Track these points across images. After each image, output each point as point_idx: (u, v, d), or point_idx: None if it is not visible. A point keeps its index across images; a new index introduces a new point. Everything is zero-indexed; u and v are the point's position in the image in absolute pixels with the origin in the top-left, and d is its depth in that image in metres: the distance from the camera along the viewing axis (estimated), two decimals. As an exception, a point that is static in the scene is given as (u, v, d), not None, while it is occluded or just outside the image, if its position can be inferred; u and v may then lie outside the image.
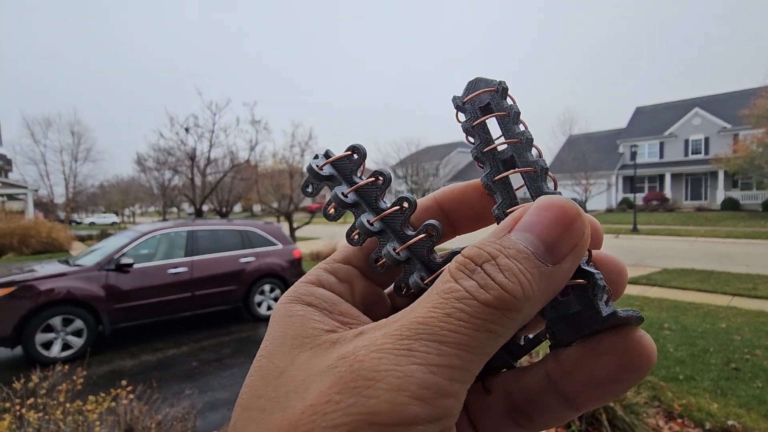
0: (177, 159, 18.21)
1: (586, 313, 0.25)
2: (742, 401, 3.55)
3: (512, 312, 0.22)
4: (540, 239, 0.23)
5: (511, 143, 0.30)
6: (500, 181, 0.30)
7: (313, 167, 0.31)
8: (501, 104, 0.31)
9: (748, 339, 5.07)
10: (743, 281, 8.61)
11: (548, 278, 0.23)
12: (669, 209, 29.40)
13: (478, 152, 0.31)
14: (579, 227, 0.24)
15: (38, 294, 5.05)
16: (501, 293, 0.22)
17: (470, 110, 0.32)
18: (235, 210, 40.57)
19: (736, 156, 23.93)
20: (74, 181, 33.76)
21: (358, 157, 0.32)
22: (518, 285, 0.22)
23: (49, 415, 2.44)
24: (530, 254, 0.23)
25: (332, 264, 0.31)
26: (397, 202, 0.31)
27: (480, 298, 0.22)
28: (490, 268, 0.23)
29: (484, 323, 0.21)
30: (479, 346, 0.21)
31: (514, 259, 0.23)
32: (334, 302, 0.28)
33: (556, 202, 0.24)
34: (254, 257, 6.78)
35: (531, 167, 0.29)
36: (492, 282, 0.22)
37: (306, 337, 0.25)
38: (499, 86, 0.31)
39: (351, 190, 0.31)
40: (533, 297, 0.22)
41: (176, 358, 5.16)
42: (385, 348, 0.22)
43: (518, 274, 0.22)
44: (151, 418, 2.61)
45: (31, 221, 18.39)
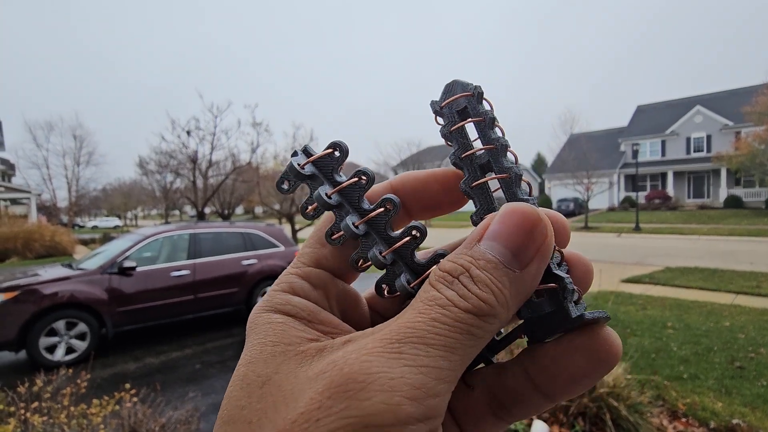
0: (179, 162, 18.26)
1: (558, 314, 0.26)
2: (747, 400, 3.53)
3: (489, 317, 0.24)
4: (506, 247, 0.25)
5: (486, 149, 0.30)
6: (478, 187, 0.30)
7: (294, 166, 0.30)
8: (477, 109, 0.31)
9: (752, 337, 5.04)
10: (747, 279, 8.57)
11: (517, 283, 0.25)
12: (671, 207, 29.30)
13: (455, 158, 0.31)
14: (540, 231, 0.25)
15: (42, 298, 5.07)
16: (477, 302, 0.24)
17: (448, 114, 0.32)
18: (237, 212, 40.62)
19: (738, 154, 23.84)
20: (77, 185, 33.90)
21: (340, 154, 0.31)
22: (491, 294, 0.24)
23: (54, 419, 2.45)
24: (498, 263, 0.25)
25: (303, 268, 0.31)
26: (381, 204, 0.30)
27: (460, 305, 0.24)
28: (465, 280, 0.24)
29: (465, 327, 0.23)
30: (461, 348, 0.23)
31: (484, 270, 0.25)
32: (313, 311, 0.28)
33: (518, 208, 0.26)
34: (256, 259, 6.79)
35: (505, 173, 0.29)
36: (468, 292, 0.24)
37: (288, 344, 0.25)
38: (474, 90, 0.31)
39: (335, 191, 0.30)
40: (507, 302, 0.24)
41: (179, 360, 5.16)
42: (376, 351, 0.22)
43: (490, 284, 0.24)
44: (154, 421, 2.62)
45: (34, 225, 18.46)
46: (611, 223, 24.05)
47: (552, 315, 0.27)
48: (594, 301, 6.80)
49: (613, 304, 6.62)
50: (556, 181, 34.41)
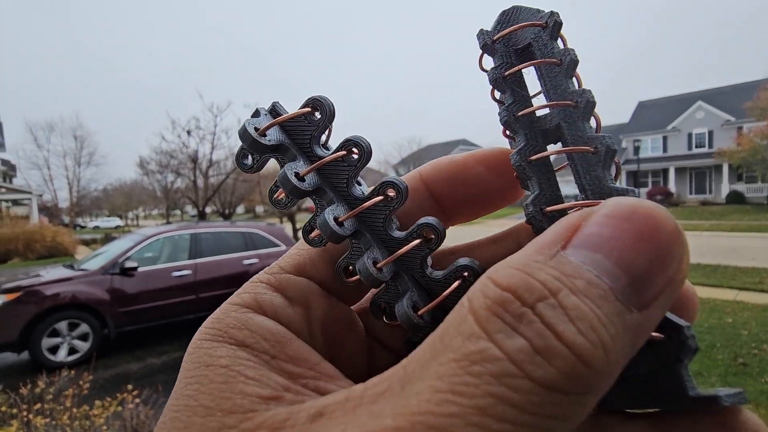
0: (179, 161, 18.29)
1: (662, 380, 0.17)
2: (751, 397, 3.52)
3: (586, 395, 0.13)
4: (619, 266, 0.14)
5: (560, 106, 0.21)
6: (539, 163, 0.22)
7: (250, 132, 0.20)
8: (549, 47, 0.21)
9: (755, 333, 5.03)
10: (750, 275, 8.55)
11: (633, 332, 0.14)
12: (673, 203, 29.26)
13: (509, 115, 0.22)
14: (679, 252, 0.15)
15: (44, 299, 5.08)
16: (574, 361, 0.13)
17: (502, 52, 0.22)
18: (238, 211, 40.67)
19: (740, 149, 23.77)
20: (78, 186, 34.01)
21: (321, 116, 0.21)
22: (600, 347, 0.13)
23: (56, 421, 2.45)
24: (607, 290, 0.14)
25: (279, 276, 0.22)
26: (379, 190, 0.21)
27: (535, 375, 0.13)
28: (549, 313, 0.13)
29: (539, 420, 0.12)
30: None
31: (585, 297, 0.14)
32: (281, 341, 0.19)
33: (641, 208, 0.16)
34: (257, 259, 6.79)
35: (589, 146, 0.20)
36: (557, 342, 0.13)
37: (229, 412, 0.16)
38: (549, 20, 0.21)
39: (310, 170, 0.21)
40: (615, 364, 0.14)
41: (181, 361, 5.16)
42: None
43: (598, 326, 0.13)
44: (157, 422, 2.62)
45: (35, 226, 18.51)
46: (613, 220, 23.96)
47: (649, 379, 0.17)
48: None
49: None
50: (558, 177, 34.32)
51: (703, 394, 0.17)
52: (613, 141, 0.21)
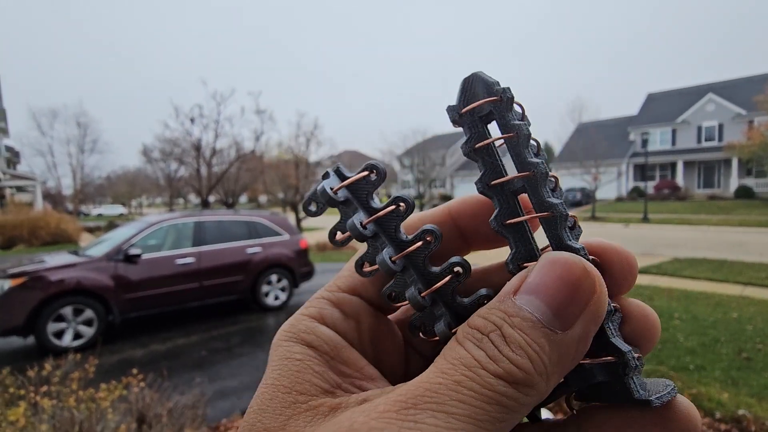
0: (183, 150, 18.29)
1: (616, 386, 0.23)
2: (754, 391, 3.51)
3: (524, 387, 0.20)
4: (545, 303, 0.21)
5: (522, 177, 0.25)
6: (513, 225, 0.25)
7: (327, 191, 0.27)
8: (506, 118, 0.25)
9: (760, 329, 5.00)
10: (756, 270, 8.48)
11: (559, 347, 0.21)
12: (681, 198, 28.98)
13: (482, 185, 0.26)
14: (588, 285, 0.22)
15: (49, 284, 5.12)
16: (510, 367, 0.20)
17: (469, 123, 0.26)
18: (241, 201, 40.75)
19: (750, 143, 23.45)
20: (81, 173, 34.14)
21: (376, 177, 0.27)
22: (527, 358, 0.20)
23: (63, 403, 2.48)
24: (536, 322, 0.21)
25: (337, 294, 0.28)
26: (420, 236, 0.27)
27: (489, 369, 0.20)
28: (496, 339, 0.21)
29: (495, 396, 0.20)
30: (489, 421, 0.19)
31: (518, 329, 0.21)
32: (337, 347, 0.26)
33: (560, 258, 0.22)
34: (261, 248, 6.81)
35: (548, 211, 0.24)
36: (499, 354, 0.21)
37: (300, 393, 0.23)
38: (503, 95, 0.25)
39: (370, 220, 0.27)
40: (545, 370, 0.21)
41: (185, 347, 5.22)
42: (386, 416, 0.19)
43: (525, 346, 0.21)
44: (162, 405, 2.65)
45: (40, 213, 18.65)
46: (619, 214, 23.86)
47: (607, 385, 0.23)
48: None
49: (619, 294, 6.57)
50: (563, 170, 34.08)
51: (641, 396, 0.22)
52: (565, 207, 0.24)
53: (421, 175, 33.74)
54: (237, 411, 3.50)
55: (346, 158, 49.08)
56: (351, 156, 51.54)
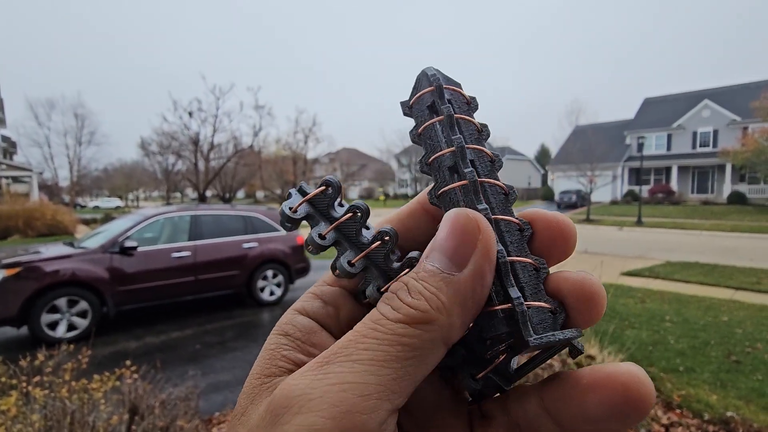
0: (180, 143, 18.19)
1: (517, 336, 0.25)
2: (742, 393, 3.56)
3: (423, 324, 0.23)
4: (443, 253, 0.25)
5: (448, 152, 0.28)
6: (445, 195, 0.28)
7: (286, 212, 0.30)
8: (437, 104, 0.28)
9: (749, 332, 5.06)
10: (747, 275, 8.58)
11: (455, 285, 0.24)
12: (674, 202, 29.19)
13: (422, 164, 0.29)
14: (471, 228, 0.25)
15: (43, 275, 5.10)
16: (408, 310, 0.23)
17: (418, 113, 0.30)
18: (238, 196, 40.62)
19: (744, 149, 23.63)
20: (78, 165, 33.90)
21: (332, 191, 0.30)
22: (423, 300, 0.23)
23: (55, 393, 2.48)
24: (435, 270, 0.24)
25: (321, 287, 0.31)
26: (378, 237, 0.30)
27: (390, 316, 0.23)
28: (401, 293, 0.24)
29: (395, 337, 0.22)
30: (394, 360, 0.22)
31: (422, 280, 0.24)
32: (309, 332, 0.29)
33: (451, 213, 0.25)
34: (257, 243, 6.80)
35: (464, 179, 0.27)
36: (401, 303, 0.24)
37: (267, 376, 0.26)
38: (435, 83, 0.28)
39: (328, 230, 0.30)
40: (443, 306, 0.23)
41: (180, 340, 5.22)
42: (305, 373, 0.23)
43: (423, 290, 0.24)
44: (155, 397, 2.65)
45: (35, 204, 18.50)
46: (613, 216, 23.99)
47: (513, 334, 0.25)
48: (593, 292, 6.80)
49: (612, 296, 6.63)
50: (559, 172, 34.23)
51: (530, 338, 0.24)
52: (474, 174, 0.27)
53: (419, 175, 33.72)
54: (230, 404, 3.51)
55: (344, 155, 48.98)
56: (349, 154, 51.41)
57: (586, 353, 3.20)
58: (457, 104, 0.29)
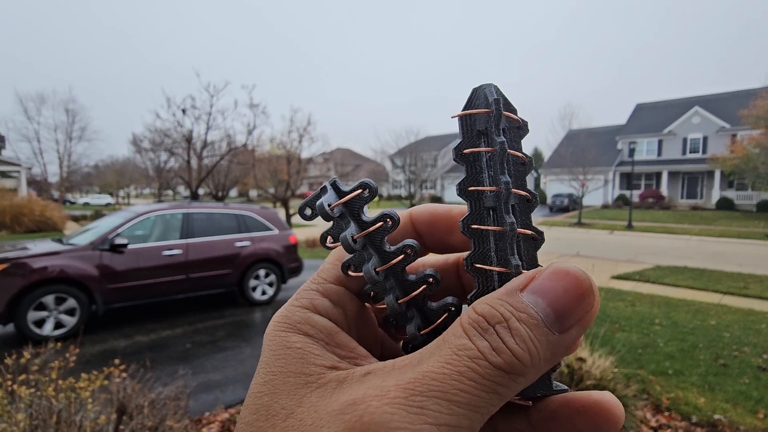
0: (173, 141, 18.01)
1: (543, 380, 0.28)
2: (729, 396, 3.61)
3: (519, 377, 0.23)
4: (551, 307, 0.24)
5: (490, 190, 0.27)
6: (476, 230, 0.28)
7: (325, 208, 0.29)
8: (491, 133, 0.27)
9: (737, 336, 5.14)
10: (735, 280, 8.71)
11: (553, 346, 0.24)
12: (664, 207, 29.56)
13: (460, 189, 0.28)
14: (590, 301, 0.24)
15: (31, 272, 5.01)
16: (511, 358, 0.23)
17: (467, 129, 0.28)
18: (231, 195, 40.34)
19: (733, 156, 24.01)
20: (68, 160, 33.43)
21: (369, 194, 0.30)
22: (527, 352, 0.23)
23: (41, 392, 2.43)
24: (540, 321, 0.23)
25: (325, 285, 0.31)
26: (402, 250, 0.29)
27: (492, 361, 0.22)
28: (502, 331, 0.23)
29: (492, 385, 0.22)
30: (485, 407, 0.22)
31: (524, 324, 0.23)
32: (331, 332, 0.28)
33: (572, 271, 0.25)
34: (250, 242, 6.76)
35: (501, 227, 0.27)
36: (504, 346, 0.23)
37: (309, 375, 0.25)
38: (494, 107, 0.27)
39: (361, 235, 0.29)
40: (539, 364, 0.23)
41: (170, 339, 5.16)
42: (397, 402, 0.22)
43: (527, 341, 0.23)
44: (143, 396, 2.61)
45: (24, 199, 18.21)
46: (605, 220, 24.23)
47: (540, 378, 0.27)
48: (584, 295, 6.87)
49: (603, 299, 6.69)
50: (552, 176, 34.51)
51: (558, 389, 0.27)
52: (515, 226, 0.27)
53: (413, 176, 33.77)
54: (220, 404, 3.47)
55: (338, 156, 48.91)
56: (343, 154, 51.36)
57: (577, 356, 3.23)
58: (510, 134, 0.28)
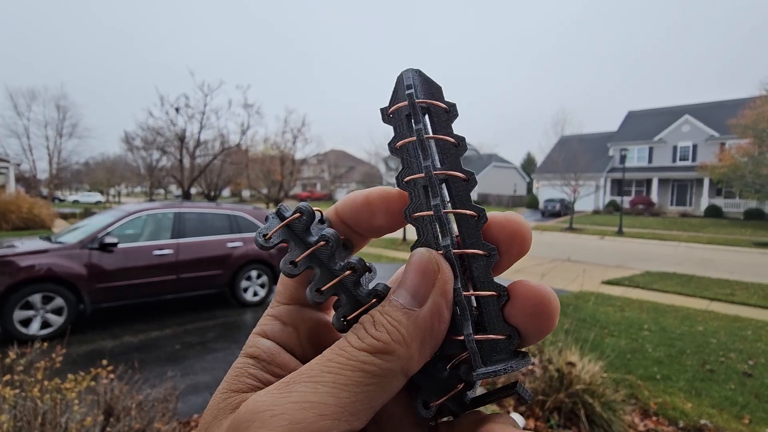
0: (166, 139, 17.85)
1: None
2: (715, 402, 3.65)
3: (384, 354, 0.25)
4: (406, 290, 0.27)
5: (419, 177, 0.28)
6: (418, 218, 0.29)
7: (259, 241, 0.30)
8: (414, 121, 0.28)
9: (723, 342, 5.21)
10: (722, 287, 8.84)
11: (416, 320, 0.26)
12: (654, 214, 29.95)
13: (398, 181, 0.29)
14: (431, 268, 0.27)
15: (18, 270, 4.93)
16: (371, 340, 0.25)
17: (397, 122, 0.29)
18: (224, 195, 40.05)
19: (721, 164, 24.41)
20: (58, 157, 32.95)
21: (306, 217, 0.31)
22: (385, 332, 0.26)
23: (26, 392, 2.39)
24: (399, 305, 0.27)
25: (277, 308, 0.33)
26: (347, 266, 0.30)
27: (354, 344, 0.25)
28: (367, 325, 0.27)
29: (357, 364, 0.24)
30: (354, 384, 0.24)
31: (386, 314, 0.27)
32: (273, 353, 0.30)
33: (414, 253, 0.28)
34: (242, 242, 6.72)
35: (430, 210, 0.28)
36: (366, 334, 0.26)
37: (234, 392, 0.28)
38: (409, 99, 0.28)
39: (301, 258, 0.30)
40: (403, 339, 0.26)
41: (159, 340, 5.10)
42: (270, 391, 0.24)
43: (386, 323, 0.26)
44: (131, 398, 2.58)
45: (11, 196, 17.88)
46: (595, 226, 24.47)
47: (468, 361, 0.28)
48: (575, 300, 6.93)
49: (593, 304, 6.75)
50: (544, 181, 34.80)
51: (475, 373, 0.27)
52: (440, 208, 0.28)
53: (407, 179, 33.69)
54: (209, 406, 3.44)
55: (332, 157, 48.82)
56: (337, 155, 51.27)
57: (566, 360, 3.25)
58: (435, 115, 0.29)
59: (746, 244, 17.79)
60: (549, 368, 3.23)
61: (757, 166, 21.18)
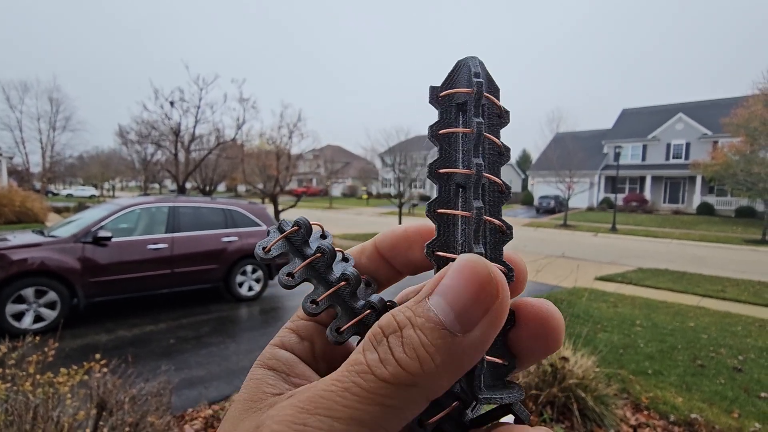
0: (160, 133, 17.69)
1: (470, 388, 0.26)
2: (706, 396, 3.71)
3: (408, 387, 0.21)
4: (451, 306, 0.22)
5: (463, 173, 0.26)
6: (443, 215, 0.27)
7: (258, 252, 0.31)
8: (470, 113, 0.26)
9: (714, 338, 5.28)
10: (713, 283, 8.95)
11: (454, 349, 0.21)
12: (647, 211, 30.19)
13: (430, 171, 0.27)
14: (490, 290, 0.22)
15: (10, 264, 4.88)
16: (397, 369, 0.21)
17: (444, 107, 0.27)
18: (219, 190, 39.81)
19: (714, 163, 24.61)
20: (51, 151, 32.57)
21: (303, 231, 0.31)
22: (416, 360, 0.21)
23: (18, 386, 2.37)
24: (438, 323, 0.22)
25: (296, 322, 0.32)
26: (341, 278, 0.30)
27: (376, 373, 0.21)
28: (393, 341, 0.22)
29: (377, 398, 0.21)
30: (372, 420, 0.21)
31: (419, 329, 0.22)
32: (291, 364, 0.29)
33: (469, 262, 0.22)
34: (237, 237, 6.69)
35: (469, 212, 0.25)
36: (391, 357, 0.22)
37: (255, 401, 0.26)
38: (476, 87, 0.25)
39: (298, 269, 0.30)
40: (434, 371, 0.21)
41: (153, 334, 5.08)
42: (285, 420, 0.22)
43: (419, 347, 0.21)
44: (125, 392, 2.57)
45: (4, 190, 17.67)
46: (589, 223, 24.63)
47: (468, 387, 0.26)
48: (569, 296, 6.99)
49: (586, 300, 6.81)
50: (539, 178, 34.91)
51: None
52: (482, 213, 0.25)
53: (402, 174, 33.80)
54: (204, 400, 3.44)
55: (328, 152, 48.63)
56: (334, 151, 51.09)
57: (560, 355, 3.28)
58: (488, 116, 0.27)
59: (737, 241, 18.00)
60: (542, 363, 3.26)
61: (749, 165, 21.37)
